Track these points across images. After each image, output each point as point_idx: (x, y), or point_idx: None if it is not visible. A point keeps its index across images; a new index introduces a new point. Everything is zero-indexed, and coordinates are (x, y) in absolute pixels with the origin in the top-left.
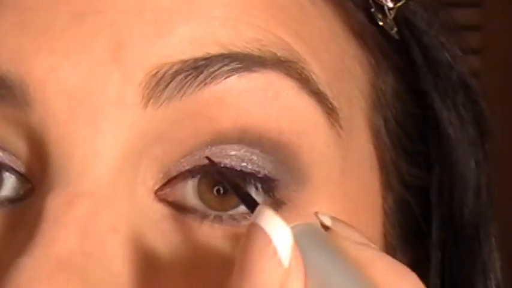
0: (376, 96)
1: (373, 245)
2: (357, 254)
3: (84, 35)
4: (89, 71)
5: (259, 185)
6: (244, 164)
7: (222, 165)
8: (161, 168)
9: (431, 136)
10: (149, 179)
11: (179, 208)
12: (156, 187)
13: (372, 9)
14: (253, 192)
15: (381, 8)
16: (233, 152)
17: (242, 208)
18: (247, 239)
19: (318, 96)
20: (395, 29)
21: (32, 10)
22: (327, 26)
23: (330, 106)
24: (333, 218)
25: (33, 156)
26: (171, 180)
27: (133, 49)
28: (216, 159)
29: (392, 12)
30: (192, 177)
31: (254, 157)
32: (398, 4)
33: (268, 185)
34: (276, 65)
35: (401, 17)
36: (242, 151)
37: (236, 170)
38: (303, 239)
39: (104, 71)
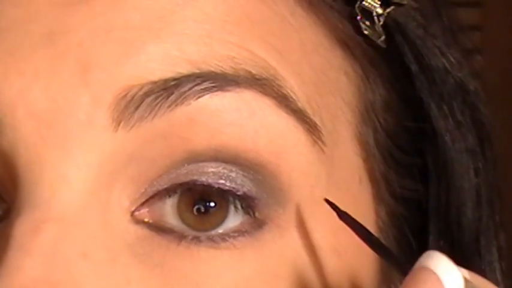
0: (364, 108)
1: None
2: None
3: (53, 56)
4: (58, 93)
5: (238, 203)
6: (222, 181)
7: (198, 182)
8: (137, 189)
9: (427, 146)
10: (124, 200)
11: (156, 229)
12: (133, 208)
13: (358, 17)
14: (232, 211)
15: (368, 14)
16: (211, 169)
17: (223, 228)
18: (415, 282)
19: (297, 113)
20: (382, 38)
21: (1, 31)
22: (309, 38)
23: (311, 123)
24: (470, 272)
25: (8, 179)
26: (148, 200)
27: (102, 70)
28: (192, 177)
29: (382, 18)
30: (170, 196)
31: (232, 174)
32: (388, 10)
33: (248, 203)
34: (251, 83)
35: (393, 22)
36: (220, 168)
37: (214, 187)
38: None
39: (72, 93)
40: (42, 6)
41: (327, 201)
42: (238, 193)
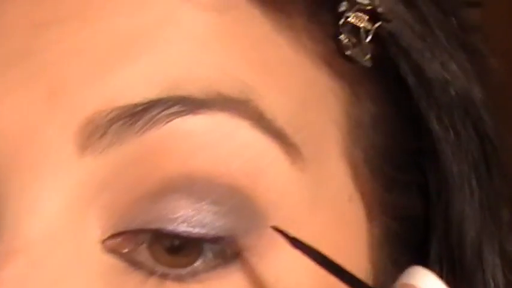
0: (352, 126)
1: None
2: None
3: (22, 77)
4: (26, 117)
5: (210, 244)
6: (190, 229)
7: (165, 231)
8: (110, 217)
9: (427, 161)
10: (96, 229)
11: (128, 260)
12: (105, 237)
13: (341, 37)
14: (204, 251)
15: (355, 31)
16: (180, 213)
17: (194, 266)
18: None
19: (275, 133)
20: (368, 56)
21: None
22: (292, 54)
23: (290, 142)
24: None
25: None
26: (121, 232)
27: (70, 95)
28: (160, 225)
29: (371, 34)
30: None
31: (203, 214)
32: (376, 25)
33: (220, 243)
34: (224, 105)
35: (387, 33)
36: (190, 210)
37: (182, 236)
38: None
39: (41, 117)
40: (12, 26)
41: (274, 228)
42: (208, 237)
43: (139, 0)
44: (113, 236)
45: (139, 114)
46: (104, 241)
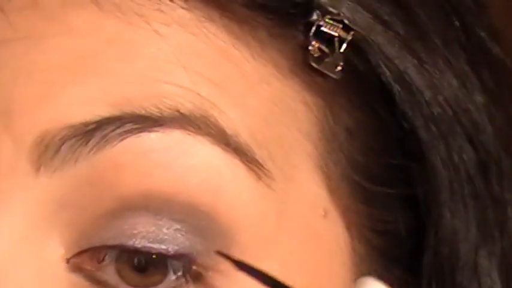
0: (326, 139)
1: None
2: None
3: None
4: None
5: (174, 261)
6: (149, 244)
7: (125, 248)
8: (72, 235)
9: (415, 173)
10: (59, 247)
11: (91, 279)
12: (69, 255)
13: (310, 47)
14: (171, 269)
15: (328, 40)
16: (139, 228)
17: (162, 286)
18: None
19: (236, 149)
20: (339, 68)
21: None
22: (256, 68)
23: (253, 158)
24: None
25: None
26: (86, 250)
27: (22, 114)
28: (120, 241)
29: (345, 42)
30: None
31: (163, 231)
32: (352, 33)
33: (182, 259)
34: (180, 122)
35: (366, 42)
36: (149, 226)
37: (143, 251)
38: None
39: None
40: None
41: (218, 252)
42: (170, 254)
43: (91, 20)
44: (77, 254)
45: (91, 133)
46: (68, 259)
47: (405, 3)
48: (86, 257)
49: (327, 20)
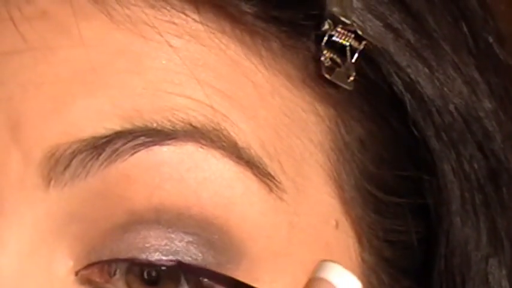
0: (339, 149)
1: None
2: None
3: None
4: None
5: (183, 276)
6: (163, 257)
7: (137, 261)
8: (83, 248)
9: (427, 183)
10: (68, 260)
11: None
12: (78, 267)
13: (322, 58)
14: (182, 280)
15: (340, 50)
16: (151, 242)
17: None
18: None
19: (248, 161)
20: (351, 78)
21: None
22: (267, 79)
23: (264, 171)
24: None
25: None
26: (95, 263)
27: (32, 127)
28: (132, 254)
29: (357, 52)
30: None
31: (176, 243)
32: (364, 42)
33: (194, 272)
34: (192, 135)
35: (378, 51)
36: (160, 240)
37: (155, 264)
38: None
39: (3, 150)
40: None
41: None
42: (183, 266)
43: (101, 31)
44: (86, 266)
45: (102, 146)
46: (77, 272)
47: (415, 10)
48: (95, 269)
49: (338, 29)
